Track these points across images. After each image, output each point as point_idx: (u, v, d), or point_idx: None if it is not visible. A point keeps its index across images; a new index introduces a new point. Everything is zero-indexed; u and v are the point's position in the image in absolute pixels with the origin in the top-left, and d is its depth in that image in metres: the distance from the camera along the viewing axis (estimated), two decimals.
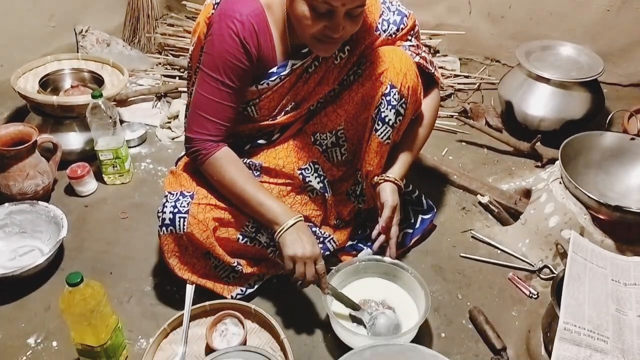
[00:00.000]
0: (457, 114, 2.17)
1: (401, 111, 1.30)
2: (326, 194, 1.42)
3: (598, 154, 1.57)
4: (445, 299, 1.41)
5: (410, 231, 1.54)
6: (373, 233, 1.36)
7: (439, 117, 1.96)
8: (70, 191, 1.73)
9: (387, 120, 1.31)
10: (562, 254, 1.44)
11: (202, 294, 1.32)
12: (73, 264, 1.48)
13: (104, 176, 1.76)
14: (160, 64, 2.45)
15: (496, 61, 2.58)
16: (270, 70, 1.27)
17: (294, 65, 1.27)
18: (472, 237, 1.60)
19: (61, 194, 1.73)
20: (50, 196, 1.71)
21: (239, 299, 1.33)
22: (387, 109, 1.29)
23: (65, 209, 1.54)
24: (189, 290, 1.29)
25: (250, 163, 1.37)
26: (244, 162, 1.35)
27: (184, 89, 2.19)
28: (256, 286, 1.38)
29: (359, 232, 1.54)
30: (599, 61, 1.98)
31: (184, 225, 1.22)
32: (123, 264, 1.49)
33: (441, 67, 2.43)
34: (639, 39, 2.29)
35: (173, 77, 2.36)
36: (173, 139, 2.01)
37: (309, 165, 1.40)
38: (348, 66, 1.33)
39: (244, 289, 1.37)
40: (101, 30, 2.42)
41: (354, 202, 1.50)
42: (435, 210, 1.60)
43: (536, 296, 1.41)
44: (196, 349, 1.25)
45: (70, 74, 2.00)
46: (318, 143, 1.41)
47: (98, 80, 1.97)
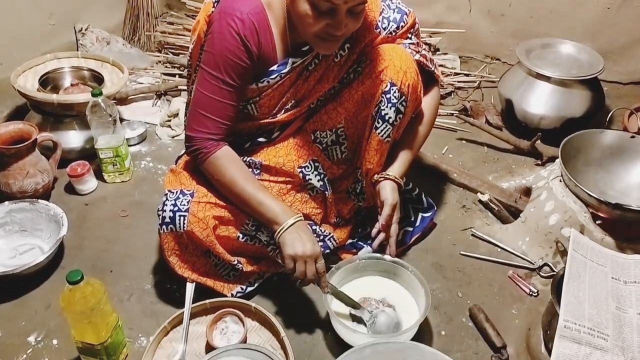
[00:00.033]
0: (457, 112, 2.17)
1: (401, 109, 1.30)
2: (326, 192, 1.42)
3: (598, 152, 1.57)
4: (445, 297, 1.41)
5: (411, 229, 1.54)
6: (373, 231, 1.36)
7: (439, 115, 1.96)
8: (70, 189, 1.73)
9: (387, 118, 1.30)
10: (562, 252, 1.44)
11: (203, 292, 1.32)
12: (73, 262, 1.48)
13: (104, 174, 1.76)
14: (160, 62, 2.45)
15: (496, 59, 2.57)
16: (271, 68, 1.27)
17: (294, 63, 1.27)
18: (472, 235, 1.60)
19: (61, 193, 1.73)
20: (51, 194, 1.71)
21: (239, 297, 1.33)
22: (387, 106, 1.29)
23: (65, 207, 1.54)
24: (189, 288, 1.29)
25: (250, 161, 1.37)
26: (244, 160, 1.35)
27: (184, 87, 2.19)
28: (256, 284, 1.39)
29: (359, 230, 1.54)
30: (599, 59, 1.98)
31: (184, 223, 1.22)
32: (123, 262, 1.49)
33: (441, 65, 2.43)
34: (639, 37, 2.29)
35: (173, 75, 2.36)
36: (173, 137, 2.01)
37: (309, 164, 1.40)
38: (348, 64, 1.33)
39: (244, 287, 1.37)
40: (101, 28, 2.42)
41: (354, 200, 1.50)
42: (436, 209, 1.60)
43: (536, 294, 1.41)
44: (196, 347, 1.25)
45: (70, 72, 2.00)
46: (318, 141, 1.41)
47: (98, 79, 1.97)
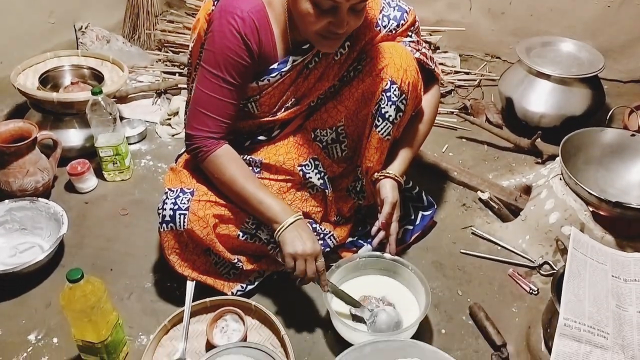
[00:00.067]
0: (457, 110, 2.16)
1: (401, 107, 1.30)
2: (326, 191, 1.42)
3: (598, 150, 1.57)
4: (445, 295, 1.41)
5: (411, 227, 1.54)
6: (373, 229, 1.35)
7: (439, 113, 1.96)
8: (70, 188, 1.73)
9: (387, 116, 1.30)
10: (562, 250, 1.44)
11: (203, 290, 1.32)
12: (73, 260, 1.48)
13: (104, 173, 1.76)
14: (160, 60, 2.45)
15: (496, 57, 2.57)
16: (271, 67, 1.27)
17: (294, 61, 1.27)
18: (473, 233, 1.60)
19: (61, 191, 1.73)
20: (51, 193, 1.71)
21: (240, 296, 1.33)
22: (387, 105, 1.29)
23: (65, 206, 1.54)
24: (190, 286, 1.29)
25: (251, 159, 1.37)
26: (244, 158, 1.35)
27: (184, 85, 2.19)
28: (256, 283, 1.39)
29: (359, 228, 1.54)
30: (600, 57, 1.98)
31: (184, 222, 1.22)
32: (123, 260, 1.49)
33: (441, 63, 2.43)
34: (639, 35, 2.28)
35: (173, 73, 2.36)
36: (173, 135, 2.01)
37: (309, 162, 1.40)
38: (348, 62, 1.33)
39: (244, 285, 1.37)
40: (101, 26, 2.42)
41: (354, 198, 1.50)
42: (436, 207, 1.60)
43: (536, 292, 1.41)
44: (196, 345, 1.25)
45: (70, 70, 2.00)
46: (318, 139, 1.41)
47: (98, 77, 1.97)
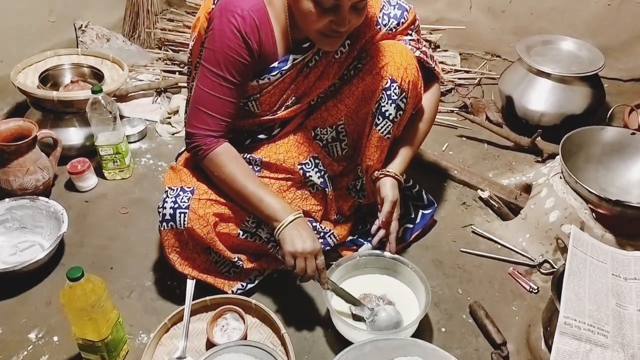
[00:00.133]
0: (457, 109, 2.17)
1: (401, 106, 1.30)
2: (326, 189, 1.42)
3: (598, 148, 1.57)
4: (445, 293, 1.41)
5: (411, 226, 1.54)
6: (373, 228, 1.36)
7: (440, 112, 1.96)
8: (70, 186, 1.73)
9: (387, 114, 1.30)
10: (563, 249, 1.44)
11: (203, 289, 1.32)
12: (73, 259, 1.48)
13: (104, 171, 1.76)
14: (160, 59, 2.45)
15: (497, 56, 2.57)
16: (272, 65, 1.26)
17: (295, 59, 1.26)
18: (473, 232, 1.60)
19: (61, 190, 1.73)
20: (51, 191, 1.71)
21: (240, 294, 1.33)
22: (387, 103, 1.29)
23: (65, 204, 1.54)
24: (190, 285, 1.29)
25: (251, 158, 1.37)
26: (244, 157, 1.35)
27: (184, 84, 2.18)
28: (257, 281, 1.39)
29: (359, 227, 1.54)
30: (600, 56, 1.98)
31: (184, 220, 1.22)
32: (123, 259, 1.49)
33: (441, 62, 2.43)
34: (639, 33, 2.28)
35: (173, 72, 2.35)
36: (173, 134, 2.00)
37: (310, 160, 1.39)
38: (348, 61, 1.33)
39: (244, 284, 1.37)
40: (101, 25, 2.42)
41: (355, 197, 1.50)
42: (436, 205, 1.60)
43: (536, 291, 1.42)
44: (197, 343, 1.25)
45: (70, 69, 2.00)
46: (318, 138, 1.41)
47: (98, 76, 1.97)
